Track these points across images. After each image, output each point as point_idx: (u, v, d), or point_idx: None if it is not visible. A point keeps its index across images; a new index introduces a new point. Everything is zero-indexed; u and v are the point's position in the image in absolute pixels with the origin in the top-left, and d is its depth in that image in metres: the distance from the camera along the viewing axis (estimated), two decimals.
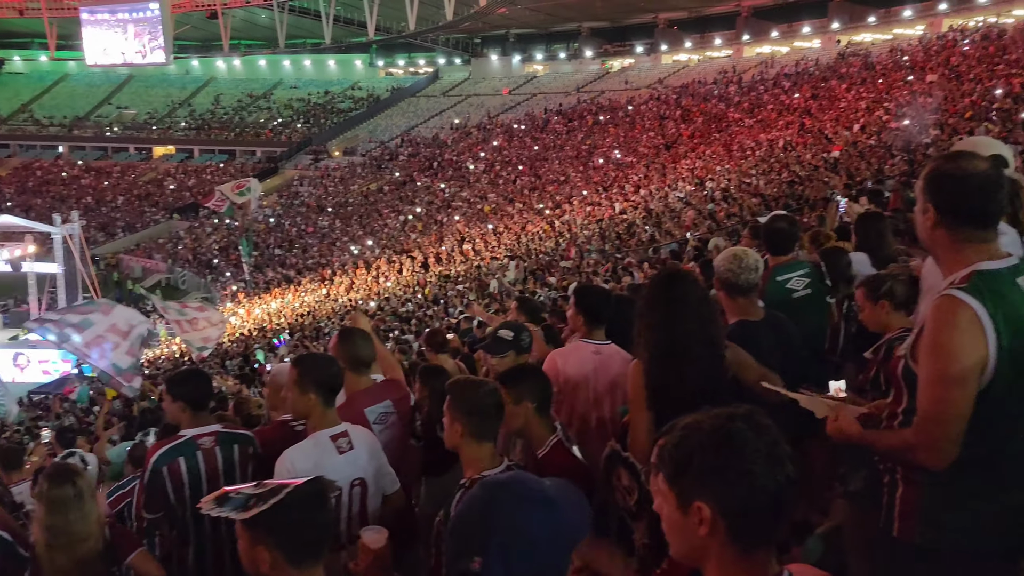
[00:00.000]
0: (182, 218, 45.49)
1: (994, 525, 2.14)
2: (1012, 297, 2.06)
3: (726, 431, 1.43)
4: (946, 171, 2.17)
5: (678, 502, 1.46)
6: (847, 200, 10.70)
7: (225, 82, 63.09)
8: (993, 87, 24.07)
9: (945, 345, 2.04)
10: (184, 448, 3.37)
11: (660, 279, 3.09)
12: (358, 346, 3.63)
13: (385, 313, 23.53)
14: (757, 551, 1.45)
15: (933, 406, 2.07)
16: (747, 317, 3.41)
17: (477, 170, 40.86)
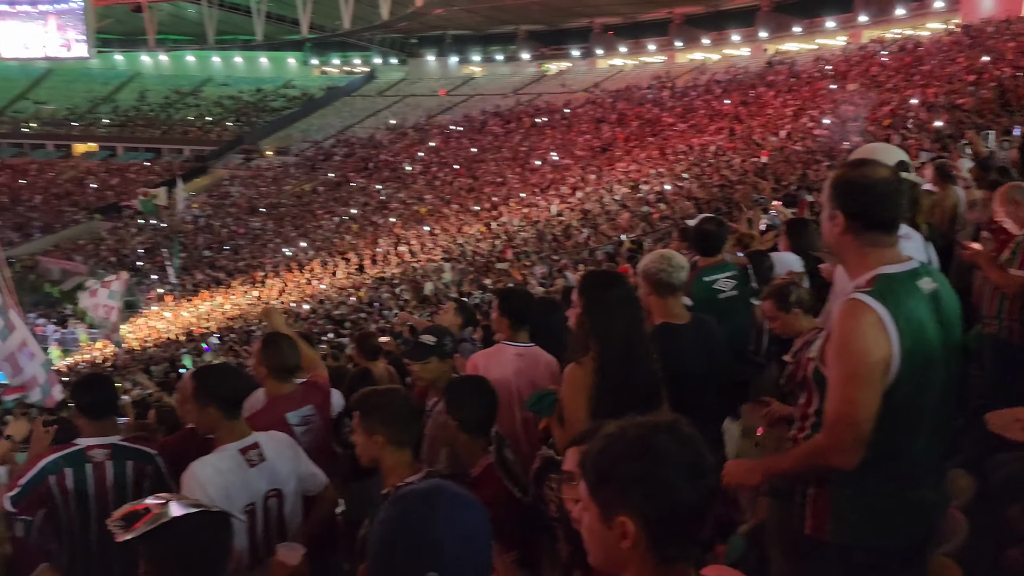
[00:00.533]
0: (104, 218, 43.85)
1: (900, 521, 2.21)
2: (912, 300, 2.14)
3: (649, 443, 1.41)
4: (852, 178, 2.23)
5: (601, 513, 1.44)
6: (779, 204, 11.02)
7: (151, 78, 61.08)
8: (910, 96, 25.08)
9: (851, 347, 2.09)
10: (74, 459, 3.16)
11: (600, 280, 3.08)
12: (284, 354, 3.53)
13: (318, 316, 23.15)
14: (677, 562, 1.45)
15: (842, 407, 2.11)
16: (672, 319, 3.43)
17: (414, 171, 40.57)
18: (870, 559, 2.19)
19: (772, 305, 3.69)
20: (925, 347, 2.13)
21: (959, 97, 22.05)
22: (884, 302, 2.09)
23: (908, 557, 2.28)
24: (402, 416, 2.69)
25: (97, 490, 3.15)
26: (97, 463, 3.17)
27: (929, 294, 2.18)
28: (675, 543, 1.44)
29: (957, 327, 2.25)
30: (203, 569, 1.83)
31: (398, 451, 2.66)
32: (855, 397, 2.08)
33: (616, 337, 2.89)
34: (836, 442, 2.11)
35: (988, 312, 4.24)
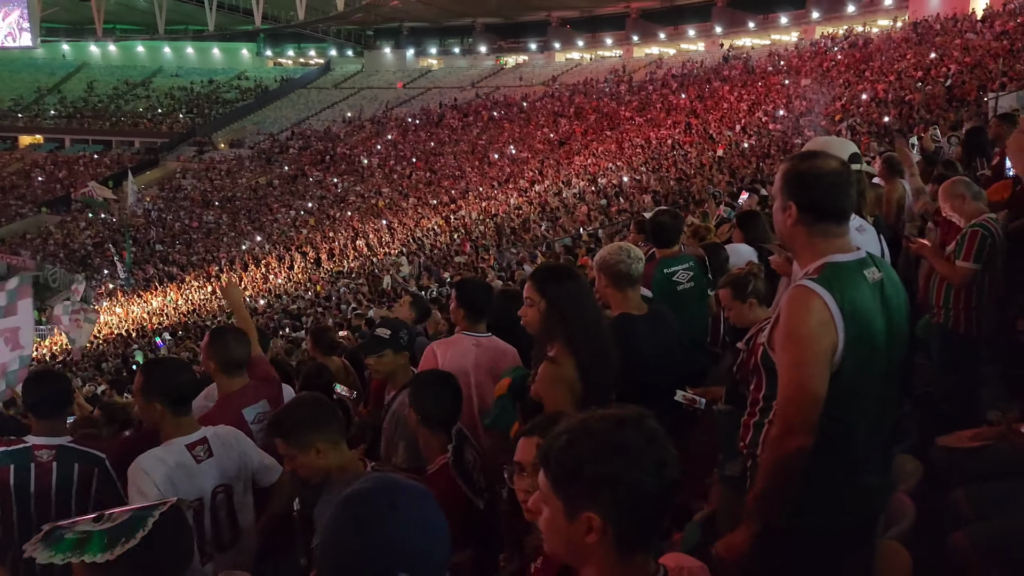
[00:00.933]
0: (52, 211, 42.61)
1: (846, 505, 2.26)
2: (858, 288, 2.18)
3: (619, 440, 1.41)
4: (802, 170, 2.27)
5: (564, 509, 1.43)
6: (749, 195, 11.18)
7: (99, 68, 59.50)
8: (860, 92, 25.61)
9: (799, 332, 2.14)
10: (18, 456, 3.08)
11: (560, 273, 3.07)
12: (230, 347, 3.46)
13: (275, 310, 22.83)
14: (638, 552, 1.46)
15: (792, 391, 2.16)
16: (630, 311, 3.44)
17: (371, 164, 40.19)
18: (817, 542, 2.24)
19: (728, 294, 3.74)
20: (869, 334, 2.18)
21: (908, 93, 22.58)
22: (831, 289, 2.13)
23: (854, 539, 2.34)
24: (326, 416, 2.67)
25: (38, 490, 3.07)
26: (42, 463, 3.09)
27: (875, 284, 2.23)
28: (639, 535, 1.45)
29: (902, 316, 2.30)
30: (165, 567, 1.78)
31: (340, 449, 2.63)
32: (804, 381, 2.13)
33: (591, 327, 2.90)
34: (788, 426, 2.15)
35: (935, 302, 4.36)
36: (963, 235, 4.19)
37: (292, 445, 2.62)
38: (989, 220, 4.22)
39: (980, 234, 4.12)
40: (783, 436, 2.15)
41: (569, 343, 2.85)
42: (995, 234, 4.16)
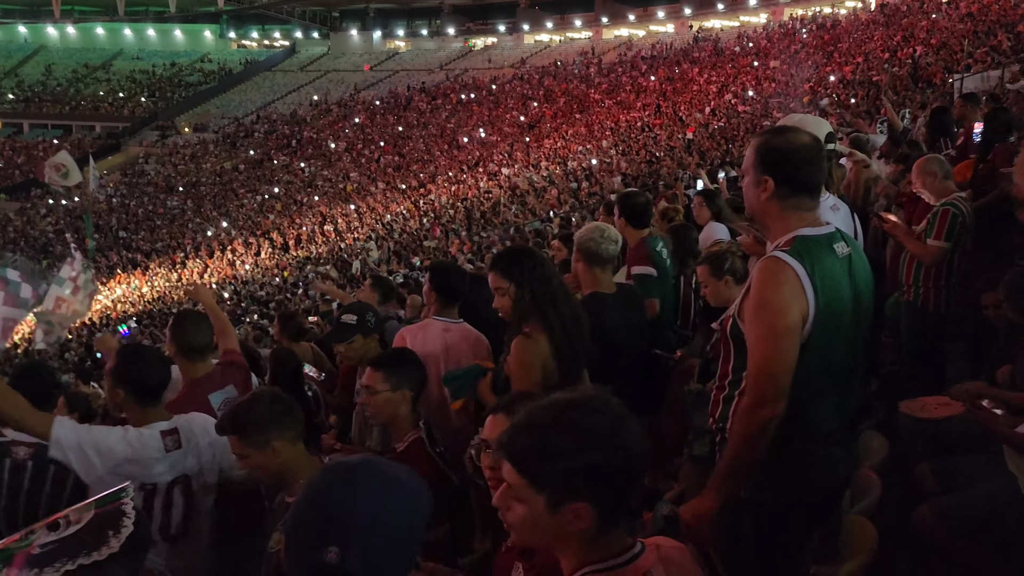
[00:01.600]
0: (10, 198, 41.60)
1: (810, 478, 2.28)
2: (827, 261, 2.21)
3: (594, 428, 1.41)
4: (777, 144, 2.28)
5: (547, 502, 1.42)
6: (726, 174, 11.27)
7: (57, 51, 57.98)
8: (828, 73, 25.83)
9: (770, 302, 2.15)
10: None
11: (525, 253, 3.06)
12: (188, 332, 3.39)
13: (242, 297, 22.57)
14: (615, 528, 1.47)
15: (763, 361, 2.16)
16: (600, 289, 3.44)
17: (338, 148, 39.75)
18: (783, 514, 2.26)
19: (706, 270, 3.74)
20: (838, 307, 2.20)
21: (875, 74, 22.81)
22: (801, 261, 2.14)
23: (822, 511, 2.37)
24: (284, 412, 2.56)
25: (10, 488, 2.99)
26: (17, 460, 3.01)
27: (843, 258, 2.25)
28: (616, 513, 1.46)
29: (868, 292, 2.32)
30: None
31: (297, 448, 2.54)
32: (774, 351, 2.14)
33: (561, 302, 2.90)
34: (759, 396, 2.15)
35: (905, 280, 4.40)
36: (934, 213, 4.22)
37: (247, 444, 2.50)
38: (959, 199, 4.25)
39: (951, 212, 4.15)
40: (754, 407, 2.16)
41: (542, 320, 2.86)
42: (965, 213, 4.19)
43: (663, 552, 1.52)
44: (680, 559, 1.56)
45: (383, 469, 1.35)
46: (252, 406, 2.56)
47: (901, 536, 2.91)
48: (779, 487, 2.24)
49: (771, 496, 2.24)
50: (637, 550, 1.48)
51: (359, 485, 1.28)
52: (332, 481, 1.30)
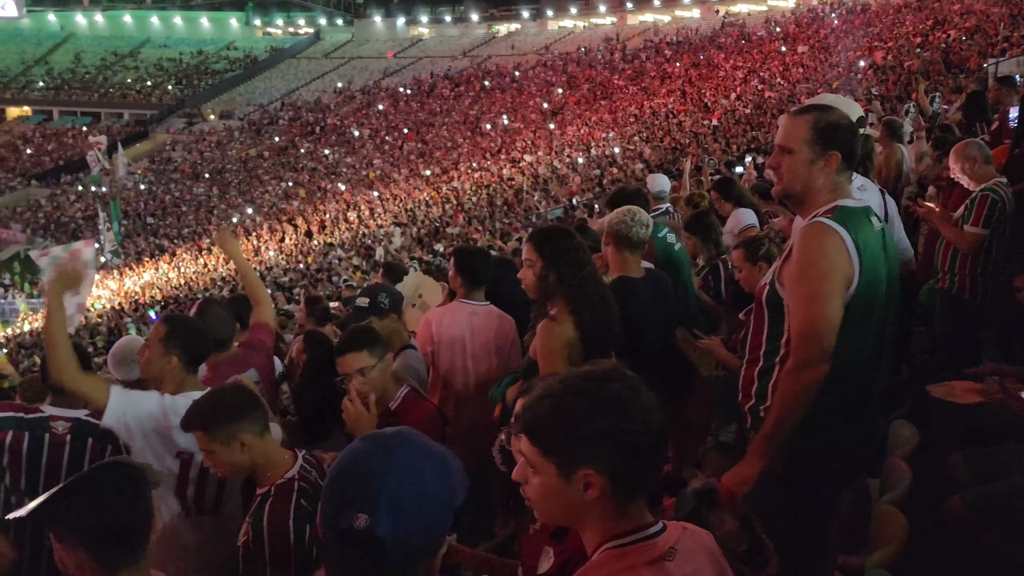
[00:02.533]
0: (41, 184, 42.23)
1: (841, 452, 2.27)
2: (867, 231, 2.23)
3: (608, 395, 1.41)
4: (836, 120, 2.30)
5: (559, 471, 1.42)
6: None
7: (86, 39, 58.59)
8: (858, 59, 25.40)
9: (817, 265, 2.17)
10: (35, 425, 3.00)
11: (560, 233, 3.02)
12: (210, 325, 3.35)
13: (266, 283, 22.76)
14: (636, 503, 1.45)
15: (809, 323, 2.17)
16: (628, 273, 3.40)
17: (362, 136, 39.85)
18: (813, 488, 2.27)
19: (741, 255, 3.69)
20: (877, 276, 2.22)
21: (907, 59, 22.40)
22: (846, 227, 2.19)
23: (847, 484, 2.39)
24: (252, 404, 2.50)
25: (50, 462, 2.99)
26: (57, 435, 3.01)
27: (878, 232, 2.28)
28: (634, 486, 1.44)
29: (897, 268, 2.35)
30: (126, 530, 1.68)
31: (266, 440, 2.48)
32: (820, 313, 2.15)
33: (590, 287, 2.88)
34: (805, 358, 2.16)
35: (941, 267, 4.30)
36: (972, 199, 4.11)
37: (214, 439, 2.40)
38: (999, 185, 4.13)
39: (990, 199, 4.04)
40: (799, 368, 2.17)
41: (569, 302, 2.83)
42: (1005, 199, 4.08)
43: (688, 532, 1.50)
44: (705, 542, 1.53)
45: (418, 441, 1.34)
46: (217, 399, 2.48)
47: (932, 527, 2.85)
48: (811, 463, 2.24)
49: (803, 471, 2.24)
50: (659, 527, 1.46)
51: (393, 454, 1.27)
52: (367, 448, 1.30)
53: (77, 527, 1.66)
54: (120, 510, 1.66)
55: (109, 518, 1.65)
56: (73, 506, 1.65)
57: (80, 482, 1.65)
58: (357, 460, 1.28)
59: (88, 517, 1.65)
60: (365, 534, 1.18)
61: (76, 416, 3.07)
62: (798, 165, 2.30)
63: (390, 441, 1.30)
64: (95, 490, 1.66)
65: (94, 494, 1.66)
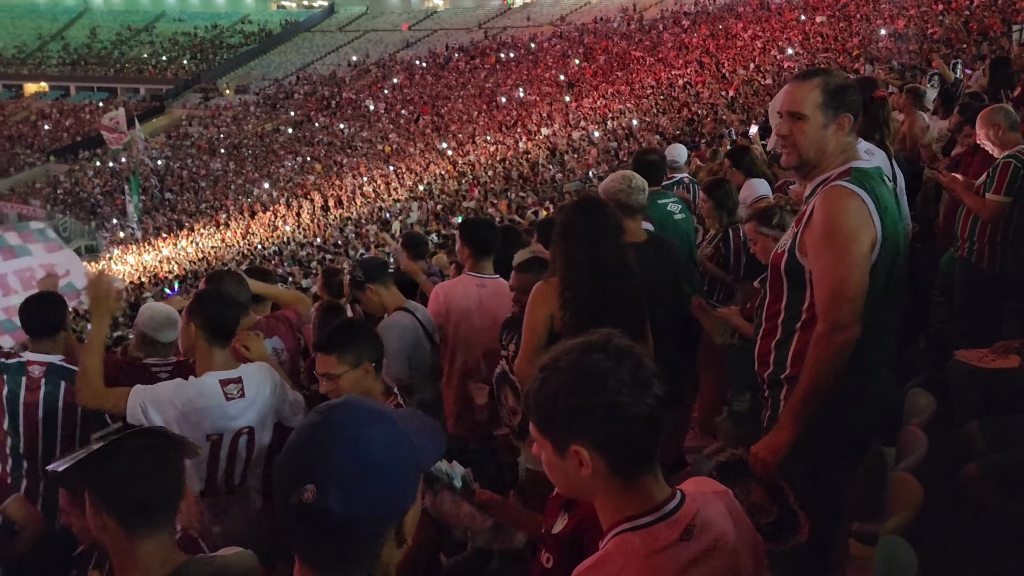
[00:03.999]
0: (60, 160, 42.51)
1: (858, 414, 2.27)
2: (882, 190, 2.24)
3: (584, 367, 1.37)
4: (843, 82, 2.32)
5: (554, 448, 1.41)
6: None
7: (101, 14, 58.63)
8: (879, 27, 24.94)
9: (843, 227, 2.17)
10: (14, 368, 3.25)
11: (582, 204, 3.02)
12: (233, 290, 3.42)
13: (284, 257, 22.87)
14: (642, 476, 1.42)
15: (838, 286, 2.17)
16: (632, 239, 3.39)
17: (377, 109, 39.72)
18: (830, 451, 2.27)
19: (753, 226, 3.65)
20: (895, 238, 2.22)
21: (929, 27, 21.96)
22: (864, 189, 2.18)
23: (864, 447, 2.39)
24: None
25: (26, 403, 3.22)
26: (32, 378, 3.25)
27: (891, 191, 2.31)
28: (634, 458, 1.40)
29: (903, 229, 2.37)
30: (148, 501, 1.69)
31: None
32: (847, 275, 2.15)
33: (579, 260, 2.86)
34: (836, 321, 2.16)
35: (960, 234, 4.24)
36: (995, 166, 4.04)
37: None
38: (1023, 152, 4.06)
39: (1012, 166, 3.96)
40: (831, 331, 2.17)
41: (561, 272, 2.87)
42: None
43: (704, 499, 1.47)
44: (725, 505, 1.51)
45: (365, 408, 1.28)
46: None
47: (948, 495, 2.84)
48: (829, 425, 2.23)
49: (820, 434, 2.23)
50: (676, 502, 1.43)
51: (336, 425, 1.22)
52: (314, 422, 1.25)
53: (102, 490, 1.69)
54: (145, 478, 1.68)
55: (133, 485, 1.67)
56: (100, 469, 1.68)
57: (110, 446, 1.67)
58: (303, 435, 1.23)
59: (112, 482, 1.68)
60: (313, 507, 1.16)
61: (50, 360, 3.30)
62: (812, 130, 2.27)
63: (333, 413, 1.25)
64: (122, 456, 1.68)
65: (121, 460, 1.68)
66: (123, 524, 1.67)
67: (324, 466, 1.18)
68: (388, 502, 1.21)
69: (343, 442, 1.20)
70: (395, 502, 1.22)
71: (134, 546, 1.67)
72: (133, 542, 1.67)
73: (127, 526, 1.68)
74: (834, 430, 2.24)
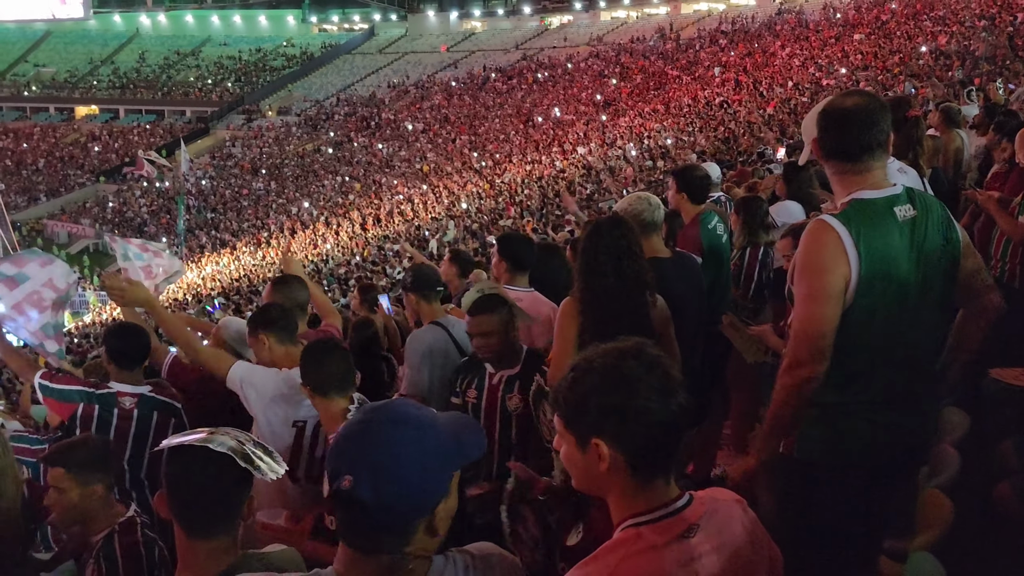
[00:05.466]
0: (109, 181, 43.76)
1: (863, 441, 2.25)
2: (880, 226, 2.16)
3: (618, 371, 1.46)
4: (822, 109, 2.30)
5: (576, 442, 1.50)
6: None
7: (150, 39, 60.42)
8: (919, 44, 24.63)
9: (811, 264, 2.18)
10: (106, 399, 3.30)
11: (606, 223, 3.09)
12: (294, 290, 3.67)
13: (323, 275, 23.21)
14: (656, 480, 1.48)
15: (802, 323, 2.19)
16: (656, 254, 3.44)
17: (416, 129, 40.24)
18: (832, 475, 2.26)
19: (788, 243, 3.68)
20: (890, 273, 2.15)
21: (971, 44, 21.64)
22: (847, 224, 2.14)
23: (876, 476, 2.32)
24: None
25: (117, 435, 3.27)
26: (124, 409, 3.31)
27: (906, 222, 2.19)
28: (651, 461, 1.47)
29: (938, 258, 2.24)
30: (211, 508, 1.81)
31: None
32: (813, 312, 2.15)
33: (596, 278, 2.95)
34: (797, 356, 2.17)
35: (994, 254, 4.20)
36: None
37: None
38: None
39: None
40: (791, 367, 2.18)
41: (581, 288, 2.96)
42: None
43: (714, 504, 1.52)
44: (738, 513, 1.55)
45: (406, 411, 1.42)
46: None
47: (981, 513, 2.83)
48: (829, 449, 2.25)
49: (821, 457, 2.25)
50: (684, 502, 1.49)
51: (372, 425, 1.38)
52: (359, 419, 1.42)
53: (168, 492, 1.81)
54: (200, 489, 1.78)
55: (191, 494, 1.78)
56: (166, 474, 1.80)
57: (176, 452, 1.78)
58: (348, 431, 1.41)
59: (182, 493, 1.79)
60: (348, 495, 1.32)
61: (141, 392, 3.38)
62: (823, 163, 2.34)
63: (374, 413, 1.41)
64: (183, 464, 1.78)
65: (182, 468, 1.78)
66: (185, 529, 1.81)
67: (361, 460, 1.34)
68: (414, 494, 1.34)
69: (375, 441, 1.36)
70: (422, 495, 1.36)
71: (194, 545, 1.81)
72: (193, 542, 1.81)
73: (189, 532, 1.81)
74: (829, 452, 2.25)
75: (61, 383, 3.33)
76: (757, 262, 4.48)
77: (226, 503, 1.82)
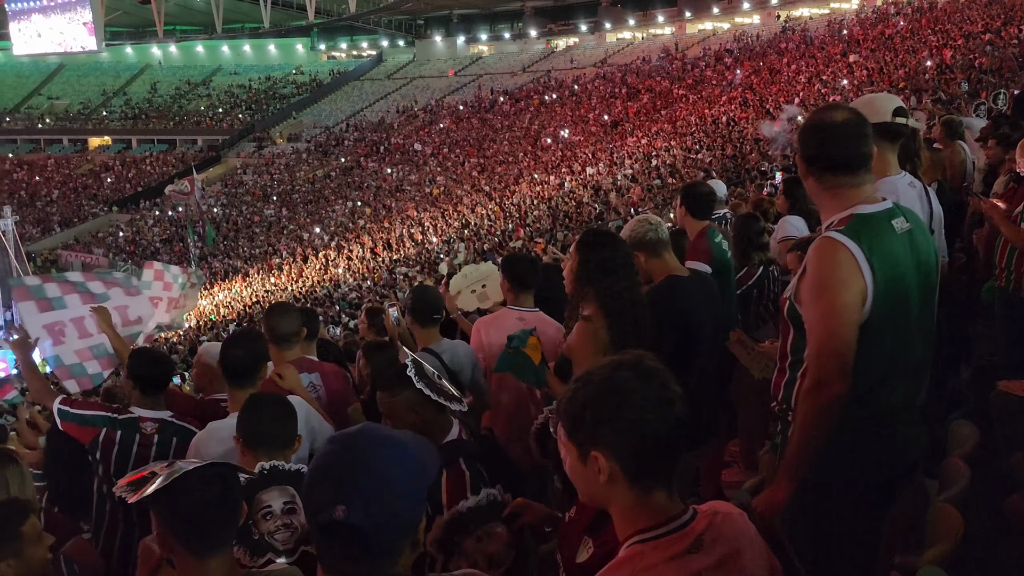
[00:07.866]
0: (121, 210, 44.21)
1: (877, 457, 2.24)
2: (886, 238, 2.18)
3: (612, 382, 1.48)
4: (807, 123, 2.30)
5: (578, 453, 1.52)
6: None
7: (161, 69, 61.27)
8: (924, 59, 24.67)
9: (828, 281, 2.15)
10: (128, 424, 3.32)
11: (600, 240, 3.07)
12: (275, 321, 3.60)
13: (334, 300, 23.30)
14: (656, 492, 1.50)
15: (824, 340, 2.15)
16: (675, 272, 3.44)
17: (425, 153, 40.51)
18: (849, 494, 2.24)
19: (796, 257, 3.69)
20: (899, 284, 2.17)
21: (976, 57, 21.66)
22: (857, 241, 2.14)
23: (888, 491, 2.32)
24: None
25: (138, 461, 3.27)
26: (146, 434, 3.33)
27: (904, 234, 2.22)
28: (650, 473, 1.49)
29: (933, 269, 2.28)
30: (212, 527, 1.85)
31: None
32: (835, 330, 2.13)
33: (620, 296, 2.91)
34: (822, 375, 2.14)
35: (998, 263, 4.20)
36: None
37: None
38: None
39: None
40: (817, 386, 2.14)
41: (601, 307, 2.88)
42: None
43: (718, 518, 1.52)
44: (739, 525, 1.55)
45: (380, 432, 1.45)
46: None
47: (991, 526, 2.80)
48: (845, 467, 2.22)
49: (836, 476, 2.23)
50: (687, 516, 1.50)
51: (359, 449, 1.38)
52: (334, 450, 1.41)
53: (169, 518, 1.84)
54: (200, 508, 1.81)
55: (197, 516, 1.82)
56: (164, 498, 1.81)
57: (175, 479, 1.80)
58: (325, 461, 1.40)
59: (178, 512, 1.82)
60: (343, 524, 1.31)
61: (162, 417, 3.38)
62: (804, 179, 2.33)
63: (350, 440, 1.41)
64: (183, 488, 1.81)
65: (182, 490, 1.81)
66: (187, 548, 1.84)
67: (350, 486, 1.34)
68: (405, 513, 1.37)
69: (361, 465, 1.37)
70: (411, 513, 1.39)
71: (198, 564, 1.83)
72: (197, 562, 1.83)
73: (191, 550, 1.84)
74: (842, 472, 2.23)
75: (82, 408, 3.35)
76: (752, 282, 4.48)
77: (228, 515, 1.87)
